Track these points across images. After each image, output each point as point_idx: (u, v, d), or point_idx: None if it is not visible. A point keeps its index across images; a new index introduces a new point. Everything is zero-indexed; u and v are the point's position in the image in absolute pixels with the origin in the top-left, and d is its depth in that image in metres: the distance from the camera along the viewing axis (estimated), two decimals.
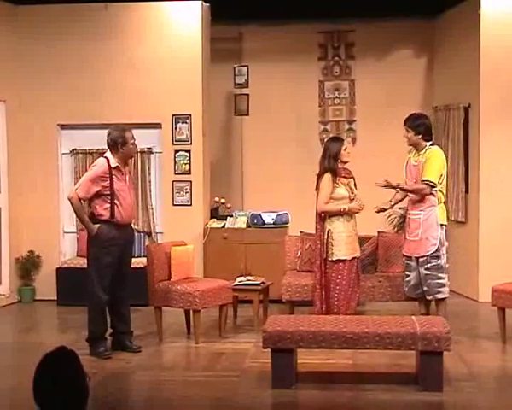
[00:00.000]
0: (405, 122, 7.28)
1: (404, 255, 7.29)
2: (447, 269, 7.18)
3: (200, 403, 5.65)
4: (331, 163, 7.18)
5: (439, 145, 7.65)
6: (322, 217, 7.20)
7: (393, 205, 7.50)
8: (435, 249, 7.00)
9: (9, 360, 7.08)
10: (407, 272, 7.27)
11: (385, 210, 7.48)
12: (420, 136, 7.18)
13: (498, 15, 8.87)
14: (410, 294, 7.33)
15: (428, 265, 7.02)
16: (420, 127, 7.19)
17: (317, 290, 7.19)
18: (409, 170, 7.27)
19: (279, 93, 10.42)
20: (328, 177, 7.15)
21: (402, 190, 7.27)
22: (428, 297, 7.15)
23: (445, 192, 7.25)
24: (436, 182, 7.03)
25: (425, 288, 7.09)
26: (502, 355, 6.86)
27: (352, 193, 7.22)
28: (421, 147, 7.20)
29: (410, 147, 7.32)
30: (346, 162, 7.26)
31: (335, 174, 7.16)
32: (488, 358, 6.68)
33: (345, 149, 7.24)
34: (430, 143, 7.23)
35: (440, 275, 7.04)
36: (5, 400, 5.78)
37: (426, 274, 7.04)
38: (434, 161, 7.08)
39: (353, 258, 7.20)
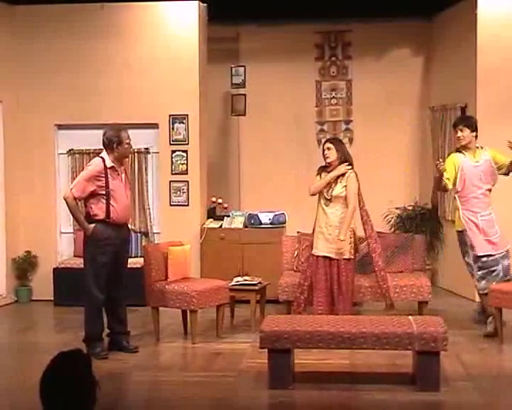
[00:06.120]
0: (460, 122, 7.32)
1: (484, 256, 7.29)
2: None
3: (198, 403, 5.64)
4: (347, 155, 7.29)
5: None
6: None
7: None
8: None
9: (7, 361, 7.07)
10: (495, 267, 7.27)
11: None
12: (475, 134, 7.25)
13: (495, 16, 8.87)
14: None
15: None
16: (475, 126, 7.29)
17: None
18: (471, 173, 7.26)
19: (276, 93, 10.42)
20: (354, 175, 7.21)
21: None
22: None
23: None
24: None
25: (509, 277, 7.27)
26: (499, 355, 6.87)
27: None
28: (474, 146, 7.24)
29: (461, 148, 7.33)
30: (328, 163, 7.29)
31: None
32: (485, 358, 6.68)
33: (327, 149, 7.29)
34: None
35: None
36: (3, 400, 5.77)
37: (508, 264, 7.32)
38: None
39: None
